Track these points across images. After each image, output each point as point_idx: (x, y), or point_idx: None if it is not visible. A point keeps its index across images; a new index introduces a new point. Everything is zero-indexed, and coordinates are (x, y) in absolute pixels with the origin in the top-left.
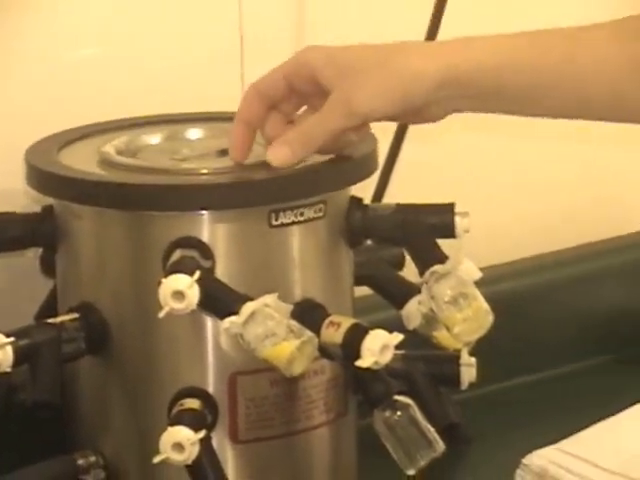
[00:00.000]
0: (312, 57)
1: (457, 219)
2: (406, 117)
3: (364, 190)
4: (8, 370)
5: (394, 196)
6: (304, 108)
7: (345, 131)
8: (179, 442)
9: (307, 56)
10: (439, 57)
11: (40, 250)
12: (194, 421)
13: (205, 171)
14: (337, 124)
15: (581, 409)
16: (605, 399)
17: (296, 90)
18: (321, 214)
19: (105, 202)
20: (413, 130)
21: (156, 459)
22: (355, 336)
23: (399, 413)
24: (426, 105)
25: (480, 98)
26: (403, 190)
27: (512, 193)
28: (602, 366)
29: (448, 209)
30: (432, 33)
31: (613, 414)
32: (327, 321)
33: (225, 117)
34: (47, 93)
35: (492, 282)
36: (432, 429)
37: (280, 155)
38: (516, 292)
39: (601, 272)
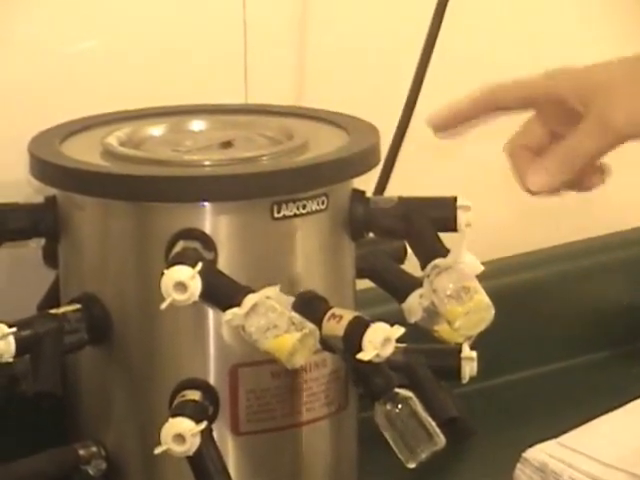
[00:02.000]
0: (558, 84)
1: (459, 213)
2: None
3: (366, 183)
4: (10, 360)
5: (396, 189)
6: None
7: (602, 154)
8: (180, 433)
9: (553, 84)
10: None
11: (43, 241)
12: (195, 412)
13: (208, 163)
14: (594, 144)
15: (582, 403)
16: (606, 394)
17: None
18: (323, 207)
19: (108, 193)
20: (415, 124)
21: (157, 450)
22: (357, 329)
23: (400, 406)
24: None
25: None
26: (405, 183)
27: (514, 187)
28: (603, 361)
29: (450, 203)
30: (434, 28)
31: (614, 409)
32: (329, 314)
33: (228, 109)
34: (51, 84)
35: (494, 276)
36: (433, 423)
37: (537, 180)
38: (517, 286)
39: (603, 267)
